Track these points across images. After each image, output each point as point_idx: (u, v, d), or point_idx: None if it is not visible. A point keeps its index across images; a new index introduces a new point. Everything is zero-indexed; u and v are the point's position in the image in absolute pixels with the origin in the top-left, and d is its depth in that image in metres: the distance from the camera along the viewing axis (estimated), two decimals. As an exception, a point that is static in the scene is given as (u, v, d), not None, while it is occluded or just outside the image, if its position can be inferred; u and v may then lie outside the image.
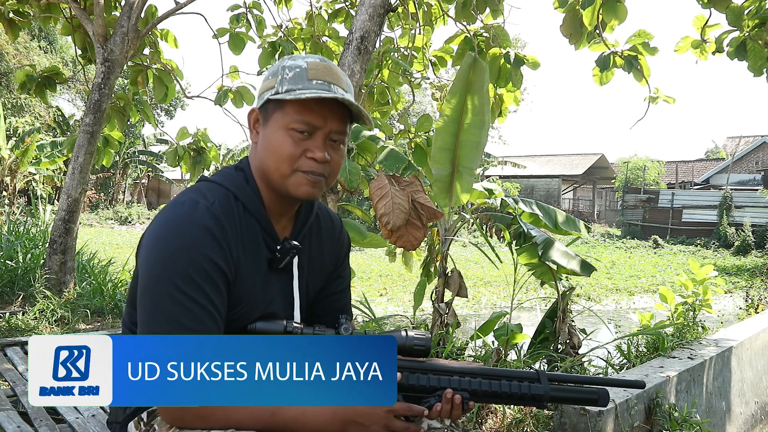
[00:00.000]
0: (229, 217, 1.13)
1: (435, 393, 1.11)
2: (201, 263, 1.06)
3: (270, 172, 1.16)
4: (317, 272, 1.31)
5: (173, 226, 1.09)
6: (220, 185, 1.17)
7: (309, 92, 1.10)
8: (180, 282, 1.05)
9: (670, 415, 2.46)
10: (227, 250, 1.10)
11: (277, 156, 1.13)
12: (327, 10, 5.54)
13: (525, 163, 28.56)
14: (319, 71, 1.13)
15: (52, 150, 13.24)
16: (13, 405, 2.39)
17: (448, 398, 1.10)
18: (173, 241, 1.07)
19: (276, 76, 1.14)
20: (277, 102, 1.13)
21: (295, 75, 1.12)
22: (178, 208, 1.11)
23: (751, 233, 18.20)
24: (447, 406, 1.10)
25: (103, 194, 24.58)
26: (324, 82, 1.12)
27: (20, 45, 20.18)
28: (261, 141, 1.17)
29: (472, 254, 13.62)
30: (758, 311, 5.34)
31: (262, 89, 1.17)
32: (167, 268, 1.06)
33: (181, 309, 1.04)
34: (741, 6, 3.95)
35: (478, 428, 2.59)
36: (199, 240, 1.07)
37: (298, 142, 1.13)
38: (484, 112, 3.10)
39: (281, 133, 1.13)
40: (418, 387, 1.11)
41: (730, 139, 37.80)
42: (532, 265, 3.53)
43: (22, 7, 5.62)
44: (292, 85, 1.12)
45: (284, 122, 1.12)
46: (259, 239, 1.18)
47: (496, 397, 1.13)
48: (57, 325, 4.35)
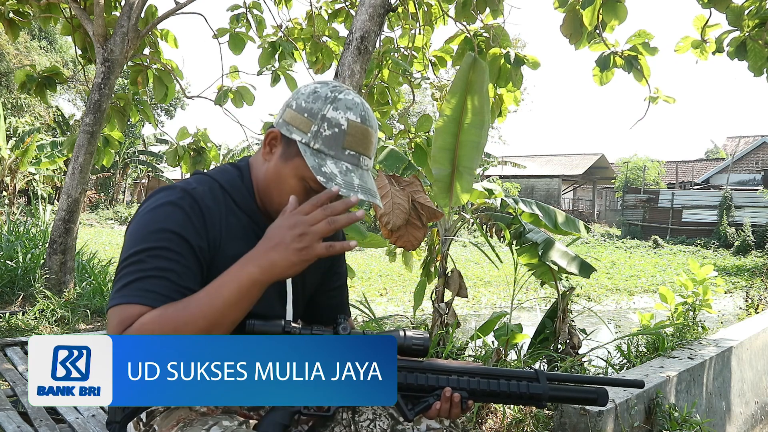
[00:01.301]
0: (211, 204, 1.13)
1: (434, 392, 1.11)
2: (167, 236, 1.06)
3: (270, 200, 1.18)
4: (312, 269, 1.29)
5: (148, 208, 1.11)
6: (210, 177, 1.19)
7: (338, 168, 1.09)
8: (142, 247, 1.05)
9: (670, 415, 2.46)
10: (201, 229, 1.10)
11: (285, 198, 1.12)
12: (327, 10, 5.54)
13: (525, 163, 28.56)
14: (356, 140, 1.11)
15: (52, 150, 13.25)
16: (13, 405, 2.39)
17: (447, 397, 1.10)
18: (143, 219, 1.09)
19: (313, 120, 1.11)
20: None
21: (332, 135, 1.10)
22: (158, 190, 1.14)
23: (751, 233, 18.21)
24: (446, 404, 1.10)
25: (103, 194, 24.58)
26: (356, 154, 1.12)
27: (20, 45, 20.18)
28: (273, 169, 1.16)
29: (472, 254, 13.62)
30: (758, 311, 5.34)
31: (292, 121, 1.13)
32: (134, 242, 1.07)
33: (143, 266, 1.04)
34: (741, 6, 3.94)
35: (478, 428, 2.59)
36: (169, 216, 1.08)
37: (308, 192, 1.13)
38: (484, 112, 3.10)
39: (295, 181, 1.13)
40: (416, 386, 1.11)
41: (730, 139, 37.80)
42: (532, 265, 3.53)
43: (22, 7, 5.62)
44: (326, 147, 1.10)
45: (303, 174, 1.12)
46: (248, 232, 1.18)
47: (495, 396, 1.13)
48: (57, 325, 4.35)
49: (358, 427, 1.22)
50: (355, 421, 1.23)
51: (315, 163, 1.09)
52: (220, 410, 1.15)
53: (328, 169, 1.09)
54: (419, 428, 1.21)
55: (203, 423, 1.10)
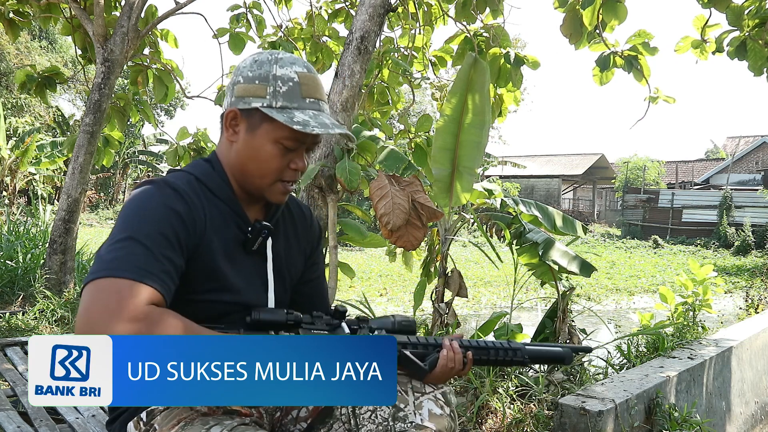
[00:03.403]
0: (191, 195, 1.14)
1: (435, 349, 1.25)
2: (154, 224, 1.07)
3: (251, 177, 1.20)
4: (296, 256, 1.34)
5: (133, 200, 1.11)
6: (184, 171, 1.21)
7: (306, 115, 1.14)
8: (126, 234, 1.05)
9: (670, 415, 2.46)
10: (183, 216, 1.11)
11: (264, 167, 1.17)
12: (327, 10, 5.54)
13: (525, 163, 28.55)
14: (310, 87, 1.17)
15: (52, 150, 13.25)
16: (13, 405, 2.39)
17: (448, 345, 1.23)
18: (126, 212, 1.09)
19: (266, 83, 1.15)
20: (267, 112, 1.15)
21: (289, 90, 1.15)
22: (135, 190, 1.15)
23: (751, 233, 18.20)
24: (450, 352, 1.22)
25: (103, 194, 24.57)
26: (315, 101, 1.17)
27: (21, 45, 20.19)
28: (243, 145, 1.18)
29: (472, 254, 13.62)
30: (758, 311, 5.34)
31: (246, 93, 1.16)
32: (118, 231, 1.07)
33: (126, 252, 1.03)
34: (741, 6, 3.94)
35: (478, 428, 2.59)
36: (152, 207, 1.08)
37: (285, 155, 1.18)
38: (484, 111, 3.09)
39: (270, 146, 1.16)
40: (420, 344, 1.24)
41: (730, 139, 37.80)
42: (533, 265, 3.53)
43: (22, 7, 5.62)
44: (287, 101, 1.14)
45: (275, 136, 1.15)
46: (228, 221, 1.20)
47: (485, 350, 1.29)
48: (57, 325, 4.35)
49: (359, 419, 1.22)
50: (356, 414, 1.23)
51: (285, 118, 1.12)
52: (221, 410, 1.15)
53: (298, 118, 1.13)
54: (420, 413, 1.22)
55: (204, 422, 1.10)
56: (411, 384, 1.27)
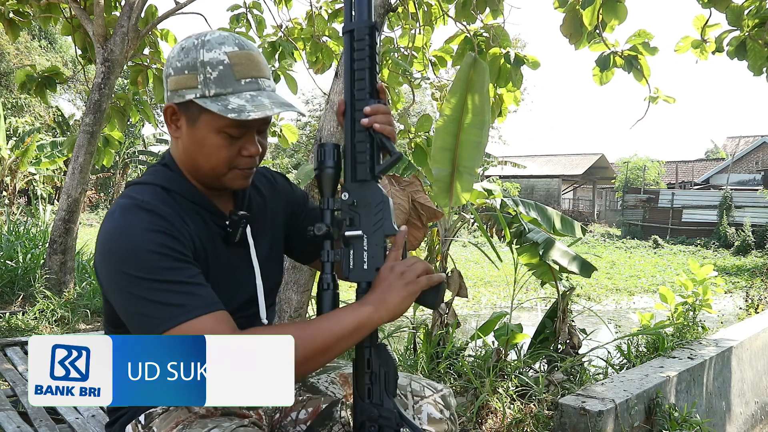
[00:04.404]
0: (164, 207, 1.08)
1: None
2: (153, 251, 1.02)
3: (203, 171, 1.13)
4: (276, 226, 1.30)
5: (112, 237, 1.04)
6: (146, 183, 1.14)
7: (242, 99, 1.06)
8: (146, 275, 1.00)
9: (670, 415, 2.46)
10: (174, 230, 1.06)
11: (213, 159, 1.10)
12: (327, 10, 5.54)
13: (525, 163, 28.54)
14: (244, 67, 1.08)
15: (52, 150, 13.24)
16: (13, 405, 2.39)
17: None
18: (119, 251, 1.02)
19: (195, 73, 1.06)
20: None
21: (219, 75, 1.06)
22: (109, 219, 1.07)
23: (751, 233, 18.19)
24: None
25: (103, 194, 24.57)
26: (252, 80, 1.08)
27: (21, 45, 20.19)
28: (187, 140, 1.11)
29: (472, 254, 13.62)
30: (758, 311, 5.34)
31: (177, 85, 1.08)
32: (128, 276, 1.01)
33: (164, 293, 1.00)
34: (741, 6, 3.94)
35: (478, 428, 2.59)
36: (141, 237, 1.02)
37: (233, 143, 1.10)
38: (484, 111, 3.09)
39: (213, 137, 1.09)
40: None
41: (730, 139, 37.81)
42: (533, 265, 3.53)
43: (22, 7, 5.62)
44: (220, 88, 1.06)
45: (216, 125, 1.08)
46: (204, 220, 1.15)
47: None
48: (57, 325, 4.35)
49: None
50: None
51: (220, 107, 1.04)
52: (219, 411, 1.15)
53: (234, 104, 1.05)
54: (420, 417, 1.21)
55: (202, 425, 1.10)
56: (410, 388, 1.26)
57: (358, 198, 1.12)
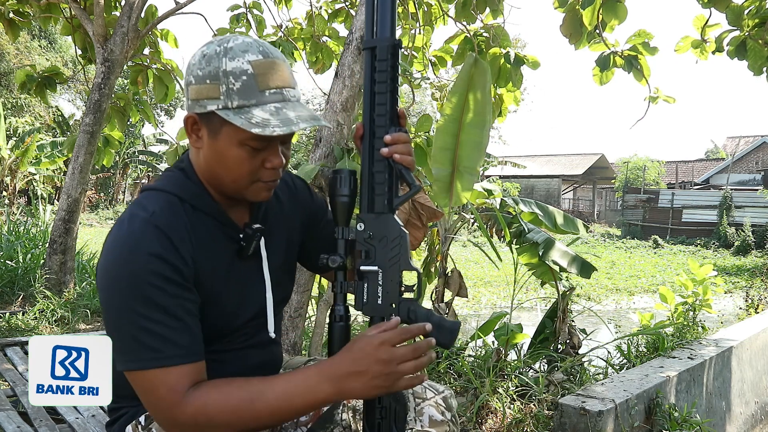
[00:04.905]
0: (173, 222, 1.05)
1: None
2: (150, 282, 0.99)
3: (225, 183, 1.10)
4: (291, 233, 1.27)
5: (116, 251, 1.02)
6: (161, 190, 1.10)
7: (266, 112, 1.01)
8: (137, 305, 0.99)
9: (670, 415, 2.46)
10: (176, 255, 1.03)
11: (235, 172, 1.07)
12: (327, 10, 5.54)
13: (525, 163, 28.55)
14: (268, 77, 1.03)
15: (52, 150, 13.26)
16: (13, 405, 2.39)
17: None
18: (119, 270, 1.00)
19: (218, 83, 1.02)
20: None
21: (243, 86, 1.01)
22: (118, 228, 1.05)
23: (751, 233, 18.20)
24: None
25: (103, 194, 24.58)
26: (277, 91, 1.04)
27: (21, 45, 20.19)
28: (208, 151, 1.08)
29: (472, 254, 13.61)
30: (758, 311, 5.34)
31: (199, 95, 1.04)
32: (121, 297, 1.00)
33: (145, 332, 0.99)
34: (741, 6, 3.94)
35: (478, 428, 2.59)
36: (143, 261, 1.00)
37: (255, 155, 1.06)
38: (485, 111, 3.09)
39: (235, 150, 1.05)
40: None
41: (730, 139, 37.82)
42: (533, 264, 3.53)
43: (22, 7, 5.62)
44: (243, 99, 1.01)
45: (239, 138, 1.04)
46: (216, 235, 1.12)
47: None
48: (57, 325, 4.35)
49: (359, 426, 1.22)
50: (356, 420, 1.23)
51: (243, 121, 1.00)
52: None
53: (257, 118, 1.00)
54: (421, 419, 1.21)
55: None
56: (412, 390, 1.24)
57: (374, 230, 1.08)
